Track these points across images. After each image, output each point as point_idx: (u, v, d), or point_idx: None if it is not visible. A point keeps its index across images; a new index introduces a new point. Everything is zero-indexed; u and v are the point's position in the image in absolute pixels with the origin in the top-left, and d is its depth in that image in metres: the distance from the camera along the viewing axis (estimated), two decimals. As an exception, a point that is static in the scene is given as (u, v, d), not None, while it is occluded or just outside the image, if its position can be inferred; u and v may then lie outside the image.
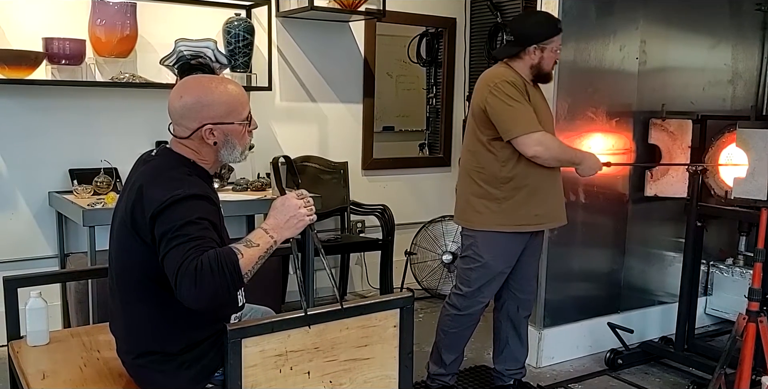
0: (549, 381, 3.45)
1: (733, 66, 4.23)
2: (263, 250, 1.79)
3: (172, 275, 1.69)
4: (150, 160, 1.96)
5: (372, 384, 2.06)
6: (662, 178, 3.80)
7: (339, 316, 1.96)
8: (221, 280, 1.69)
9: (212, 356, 1.90)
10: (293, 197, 1.88)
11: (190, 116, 1.91)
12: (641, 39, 3.77)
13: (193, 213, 1.76)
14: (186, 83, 1.97)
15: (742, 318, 2.79)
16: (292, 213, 1.85)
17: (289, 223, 1.84)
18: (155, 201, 1.77)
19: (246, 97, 1.99)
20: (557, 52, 2.96)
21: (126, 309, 1.95)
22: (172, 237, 1.72)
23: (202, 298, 1.70)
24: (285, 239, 1.84)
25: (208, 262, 1.68)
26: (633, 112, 3.80)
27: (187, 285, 1.67)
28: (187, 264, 1.68)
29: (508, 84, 2.84)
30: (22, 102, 3.67)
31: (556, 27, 2.92)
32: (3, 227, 3.71)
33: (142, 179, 1.88)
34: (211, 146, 1.93)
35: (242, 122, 1.95)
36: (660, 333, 3.97)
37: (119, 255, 1.95)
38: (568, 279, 3.72)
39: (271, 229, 1.83)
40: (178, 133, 1.94)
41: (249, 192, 3.86)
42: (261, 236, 1.81)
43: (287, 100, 4.47)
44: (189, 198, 1.78)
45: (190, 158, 1.94)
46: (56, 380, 2.04)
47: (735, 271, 4.15)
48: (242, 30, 4.00)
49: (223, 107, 1.91)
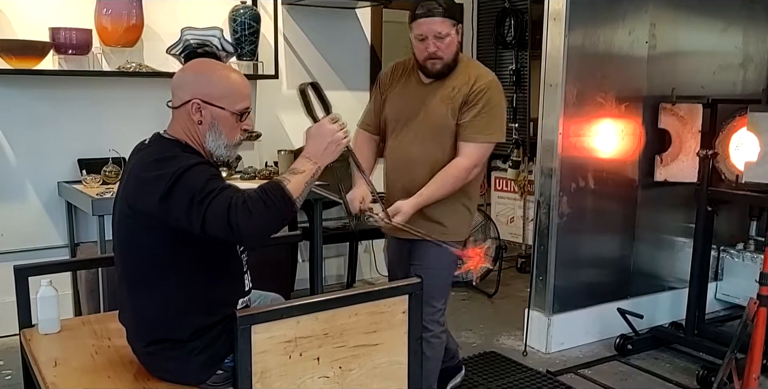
0: (558, 367, 3.46)
1: (744, 49, 4.19)
2: (308, 176, 1.85)
3: (223, 217, 1.70)
4: (143, 148, 1.96)
5: (381, 370, 2.06)
6: (672, 162, 3.77)
7: (353, 301, 1.98)
8: (274, 207, 1.74)
9: (222, 342, 1.91)
10: (328, 122, 1.93)
11: (185, 87, 1.91)
12: (651, 23, 3.73)
13: (205, 175, 1.78)
14: (195, 61, 2.02)
15: (753, 302, 2.78)
16: (329, 138, 1.90)
17: (329, 149, 1.90)
18: (160, 181, 1.76)
19: (248, 91, 1.97)
20: (421, 43, 2.47)
21: (134, 297, 1.96)
22: (203, 198, 1.72)
23: (261, 227, 1.74)
24: (327, 164, 1.91)
25: (256, 194, 1.74)
26: (643, 96, 3.78)
27: (243, 218, 1.70)
28: (234, 201, 1.71)
29: (387, 68, 2.72)
30: (29, 92, 3.67)
31: (414, 11, 2.46)
32: (14, 217, 3.73)
33: (137, 168, 1.87)
34: (197, 126, 1.91)
35: (234, 112, 1.92)
36: (670, 319, 3.96)
37: (124, 245, 1.96)
38: (577, 265, 3.72)
39: (312, 156, 1.88)
40: (173, 103, 1.95)
41: (257, 180, 3.87)
42: (304, 163, 1.87)
43: (293, 88, 4.41)
44: (191, 167, 1.78)
45: (182, 140, 1.92)
46: (68, 367, 2.05)
47: (746, 256, 4.13)
48: (248, 18, 3.99)
49: (218, 89, 1.90)
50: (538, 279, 3.67)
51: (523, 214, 5.13)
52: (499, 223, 5.05)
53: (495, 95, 2.54)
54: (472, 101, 2.51)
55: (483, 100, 2.50)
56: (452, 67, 2.53)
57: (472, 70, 2.57)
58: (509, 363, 3.49)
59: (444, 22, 2.43)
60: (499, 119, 2.57)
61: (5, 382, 3.20)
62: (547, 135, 3.57)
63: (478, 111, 2.50)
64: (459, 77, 2.54)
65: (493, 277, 4.68)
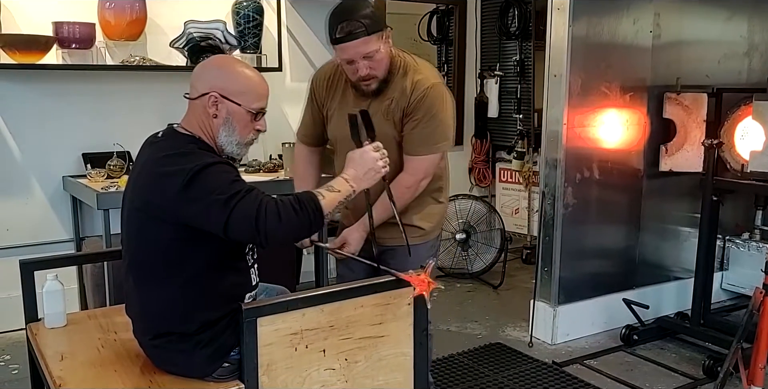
0: (564, 358, 3.46)
1: (749, 38, 4.16)
2: (343, 196, 1.91)
3: (251, 219, 1.73)
4: (156, 142, 1.96)
5: (387, 361, 2.07)
6: (677, 152, 3.76)
7: (359, 293, 1.99)
8: (304, 216, 1.79)
9: (228, 335, 1.91)
10: (371, 150, 2.00)
11: (204, 79, 1.93)
12: (655, 12, 3.71)
13: (229, 175, 1.81)
14: (218, 56, 2.11)
15: (758, 292, 2.77)
16: (370, 165, 1.98)
17: (368, 175, 1.99)
18: (177, 176, 1.77)
19: (266, 92, 1.98)
20: (350, 66, 2.25)
21: (141, 291, 1.96)
22: (228, 198, 1.74)
23: (287, 234, 1.81)
24: (363, 189, 1.99)
25: (289, 201, 1.80)
26: (647, 86, 3.76)
27: (272, 223, 1.74)
28: (266, 203, 1.76)
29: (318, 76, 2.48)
30: (33, 86, 3.67)
31: (332, 34, 2.20)
32: (19, 212, 3.74)
33: (152, 162, 1.87)
34: (212, 120, 1.92)
35: (249, 110, 1.93)
36: (676, 309, 3.95)
37: (133, 238, 1.96)
38: (582, 256, 3.71)
39: (351, 179, 1.95)
40: (190, 94, 1.96)
41: (261, 173, 3.87)
42: (342, 183, 1.93)
43: (298, 81, 4.44)
44: (211, 164, 1.79)
45: (197, 135, 1.93)
46: (74, 361, 2.06)
47: (751, 246, 4.12)
48: (251, 10, 3.98)
49: (237, 85, 1.91)
50: (544, 270, 3.67)
51: (528, 205, 5.12)
52: (504, 214, 5.05)
53: (436, 101, 2.31)
54: (411, 112, 2.30)
55: (422, 109, 2.29)
56: (388, 79, 2.31)
57: (411, 76, 2.33)
58: (515, 355, 3.49)
59: (369, 40, 2.18)
60: (442, 126, 2.34)
61: (12, 376, 3.22)
62: (552, 125, 3.56)
63: (417, 122, 2.31)
64: (396, 87, 2.32)
65: (498, 269, 4.68)
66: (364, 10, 2.19)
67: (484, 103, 5.23)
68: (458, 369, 3.30)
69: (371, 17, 2.19)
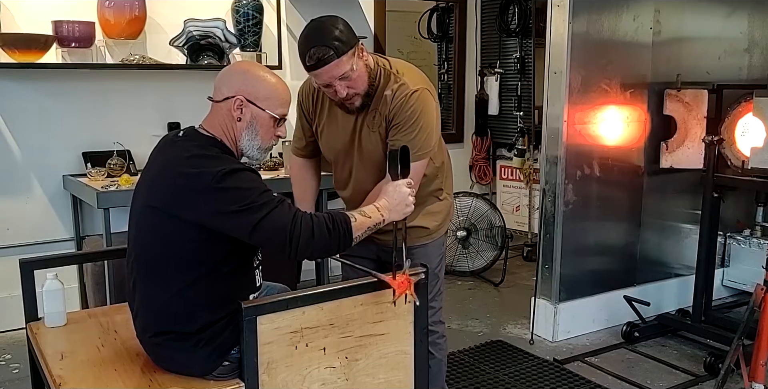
0: (565, 355, 3.46)
1: (750, 34, 4.16)
2: (373, 223, 1.97)
3: (284, 231, 1.80)
4: (178, 141, 1.95)
5: (388, 359, 2.07)
6: (678, 149, 3.76)
7: (359, 291, 1.99)
8: (335, 236, 1.86)
9: (228, 334, 1.91)
10: (404, 185, 2.04)
11: (231, 83, 1.95)
12: (655, 8, 3.71)
13: (260, 184, 1.85)
14: (244, 60, 2.09)
15: (760, 288, 2.78)
16: (402, 199, 2.03)
17: (398, 207, 2.02)
18: (201, 178, 1.78)
19: (289, 99, 2.01)
20: (328, 89, 2.19)
21: (145, 289, 1.96)
22: (260, 206, 1.79)
23: (317, 249, 1.86)
24: (391, 221, 2.02)
25: (323, 219, 1.86)
26: (648, 83, 3.76)
27: (305, 237, 1.81)
28: (300, 217, 1.83)
29: (303, 90, 2.43)
30: (33, 86, 3.67)
31: (304, 61, 2.14)
32: (19, 211, 3.74)
33: (177, 161, 1.87)
34: (236, 123, 1.94)
35: (273, 115, 1.95)
36: (677, 306, 3.96)
37: (142, 235, 1.95)
38: (583, 253, 3.71)
39: (383, 209, 2.00)
40: (214, 96, 1.98)
41: (262, 172, 3.86)
42: (374, 211, 1.99)
43: (298, 79, 4.38)
44: (238, 170, 1.82)
45: (218, 138, 1.94)
46: (74, 360, 2.06)
47: (752, 242, 4.11)
48: (251, 9, 3.97)
49: (263, 91, 1.94)
50: (544, 267, 3.67)
51: (528, 203, 5.12)
52: (504, 212, 5.04)
53: (416, 106, 2.25)
54: (394, 120, 2.26)
55: (403, 116, 2.24)
56: (371, 92, 2.25)
57: (392, 85, 2.27)
58: (516, 352, 3.49)
59: (340, 62, 2.10)
60: (423, 132, 2.27)
61: (13, 375, 3.22)
62: (552, 123, 3.56)
63: (399, 129, 2.25)
64: (379, 98, 2.28)
65: (499, 266, 4.68)
66: (333, 31, 2.10)
67: (485, 101, 5.22)
68: (459, 367, 3.30)
69: (339, 38, 2.10)
